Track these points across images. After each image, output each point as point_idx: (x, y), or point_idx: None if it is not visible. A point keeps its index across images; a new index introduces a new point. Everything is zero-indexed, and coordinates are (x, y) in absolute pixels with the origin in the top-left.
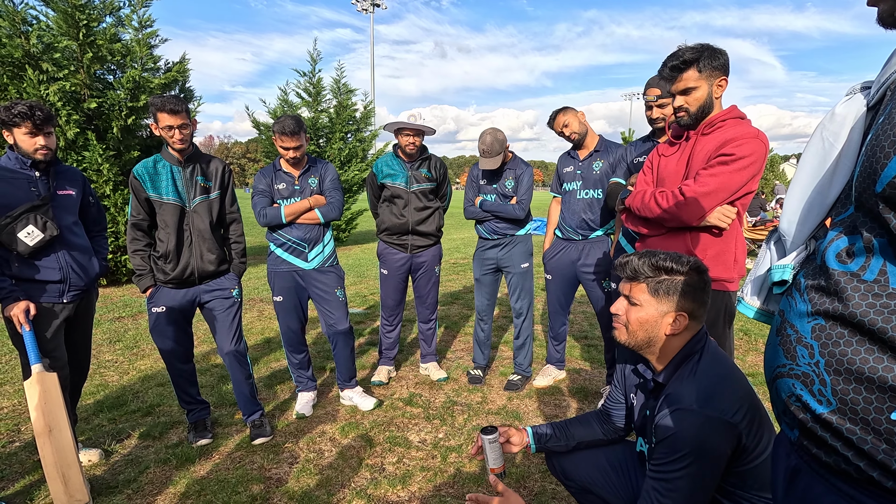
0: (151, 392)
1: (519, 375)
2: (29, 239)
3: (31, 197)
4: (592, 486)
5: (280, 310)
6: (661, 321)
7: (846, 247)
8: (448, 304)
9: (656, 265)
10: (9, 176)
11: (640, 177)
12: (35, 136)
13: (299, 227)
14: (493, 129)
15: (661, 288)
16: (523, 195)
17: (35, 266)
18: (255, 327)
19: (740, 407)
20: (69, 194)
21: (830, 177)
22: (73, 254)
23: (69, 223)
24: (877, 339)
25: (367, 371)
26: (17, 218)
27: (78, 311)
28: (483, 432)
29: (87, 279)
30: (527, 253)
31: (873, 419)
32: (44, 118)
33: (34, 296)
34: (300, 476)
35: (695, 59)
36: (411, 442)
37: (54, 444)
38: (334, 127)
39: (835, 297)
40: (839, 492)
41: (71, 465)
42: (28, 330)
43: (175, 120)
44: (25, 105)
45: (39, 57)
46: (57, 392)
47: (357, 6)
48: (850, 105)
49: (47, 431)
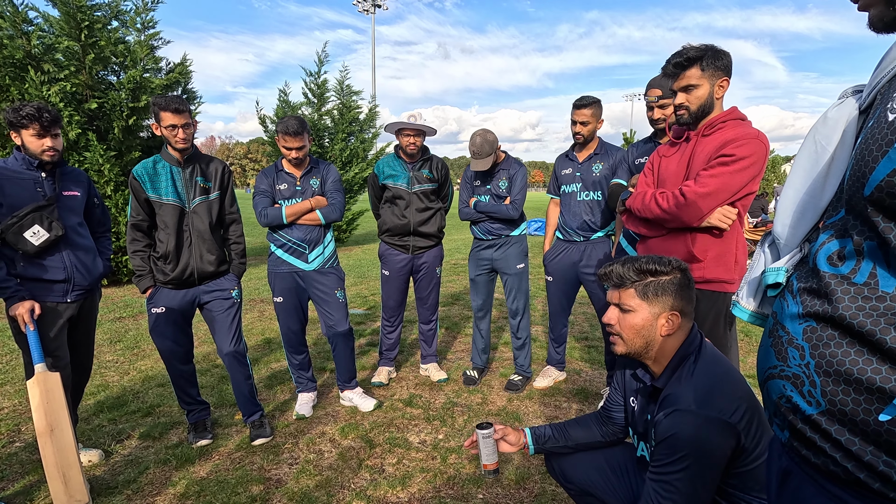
0: (152, 392)
1: (520, 376)
2: (35, 238)
3: (37, 197)
4: (592, 489)
5: (280, 310)
6: (655, 323)
7: (837, 250)
8: (449, 305)
9: (641, 269)
10: (15, 177)
11: (641, 178)
12: (42, 137)
13: (300, 227)
14: (484, 130)
15: (650, 290)
16: (517, 195)
17: (40, 265)
18: (256, 328)
19: (738, 407)
20: (74, 195)
21: (823, 180)
22: (78, 254)
23: (74, 224)
24: (866, 341)
25: (368, 372)
26: (23, 218)
27: (81, 311)
28: (479, 427)
29: (91, 279)
30: (522, 254)
31: (861, 421)
32: (51, 120)
33: (39, 295)
34: (300, 477)
35: (699, 57)
36: (411, 443)
37: (55, 443)
38: (337, 128)
39: (825, 299)
40: (828, 493)
41: (72, 466)
42: (32, 329)
43: (178, 119)
44: (33, 107)
45: (41, 58)
46: (59, 392)
47: (358, 7)
48: (843, 109)
49: (49, 431)
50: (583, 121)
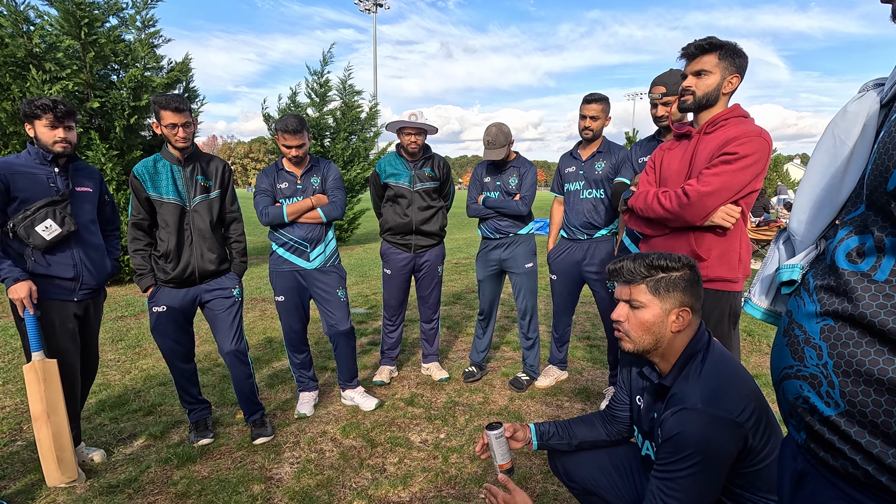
0: (153, 391)
1: (526, 375)
2: (47, 233)
3: (50, 192)
4: (595, 488)
5: (282, 309)
6: (665, 319)
7: (856, 246)
8: (450, 304)
9: (651, 264)
10: (28, 171)
11: (643, 177)
12: (56, 128)
13: (301, 226)
14: (500, 122)
15: (661, 286)
16: (527, 192)
17: (49, 262)
18: (257, 327)
19: (746, 406)
20: (87, 191)
21: (842, 175)
22: (88, 252)
23: (86, 221)
24: (887, 340)
25: (369, 371)
26: (36, 211)
27: (87, 310)
28: (488, 428)
29: (98, 278)
30: (530, 253)
31: (882, 422)
32: (65, 111)
33: (47, 293)
34: (301, 476)
35: (720, 45)
36: (413, 442)
37: (52, 427)
38: (339, 127)
39: (844, 297)
40: (846, 496)
41: (65, 448)
42: (32, 314)
43: (179, 118)
44: (49, 99)
45: (42, 56)
46: (56, 378)
47: (360, 6)
48: (863, 102)
49: (45, 416)
50: (592, 115)
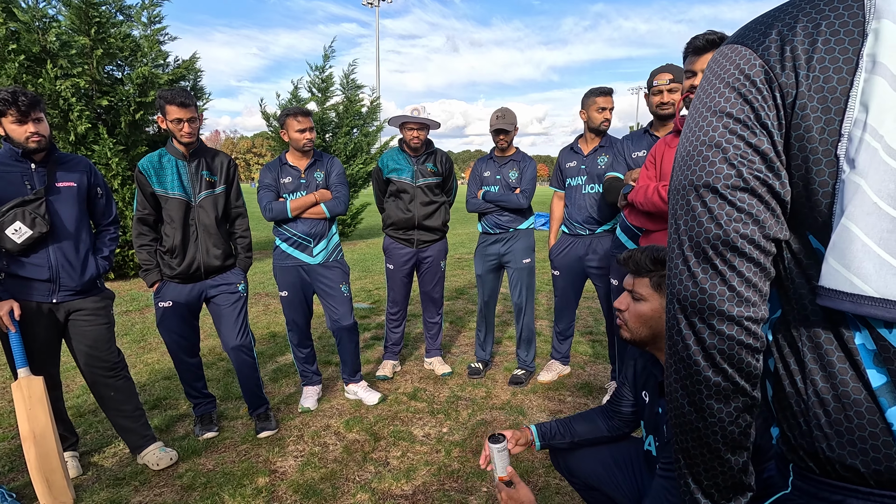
0: (158, 385)
1: (523, 371)
2: (16, 236)
3: (23, 192)
4: (597, 484)
5: (285, 304)
6: (664, 315)
7: None
8: (453, 299)
9: (658, 258)
10: (1, 169)
11: (643, 171)
12: (23, 123)
13: (304, 221)
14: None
15: (664, 282)
16: (527, 185)
17: (22, 263)
18: (261, 322)
19: None
20: (70, 186)
21: None
22: (66, 252)
23: (70, 217)
24: None
25: (372, 366)
26: (4, 214)
27: (76, 315)
28: (490, 441)
29: (79, 280)
30: (529, 248)
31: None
32: (28, 103)
33: (21, 293)
34: (305, 469)
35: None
36: (415, 436)
37: (38, 449)
38: (342, 122)
39: None
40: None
41: (55, 471)
42: (14, 332)
43: (184, 113)
44: (7, 91)
45: (56, 53)
46: (41, 398)
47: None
48: None
49: (32, 437)
50: (611, 107)
